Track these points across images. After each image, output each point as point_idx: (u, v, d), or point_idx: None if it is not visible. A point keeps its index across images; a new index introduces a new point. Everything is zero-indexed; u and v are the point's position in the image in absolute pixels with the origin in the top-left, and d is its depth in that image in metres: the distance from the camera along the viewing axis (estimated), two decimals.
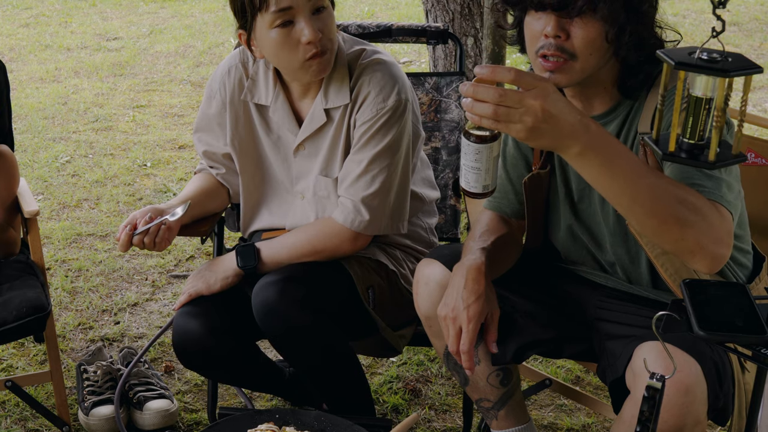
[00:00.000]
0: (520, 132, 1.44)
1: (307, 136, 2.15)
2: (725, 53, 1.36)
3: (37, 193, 4.13)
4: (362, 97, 2.07)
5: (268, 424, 1.87)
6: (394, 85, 2.07)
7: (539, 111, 1.42)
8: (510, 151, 2.03)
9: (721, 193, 1.60)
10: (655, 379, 1.33)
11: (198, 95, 5.59)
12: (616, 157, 1.49)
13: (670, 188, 1.51)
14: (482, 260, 1.86)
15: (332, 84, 2.09)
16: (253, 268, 2.13)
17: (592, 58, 1.70)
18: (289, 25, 1.97)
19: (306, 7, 1.97)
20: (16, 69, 6.12)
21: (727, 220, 1.58)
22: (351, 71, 2.09)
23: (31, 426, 2.58)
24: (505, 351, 1.96)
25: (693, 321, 1.26)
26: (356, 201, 2.09)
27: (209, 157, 2.30)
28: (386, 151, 2.07)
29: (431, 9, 4.10)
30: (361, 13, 7.65)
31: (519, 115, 1.42)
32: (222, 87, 2.21)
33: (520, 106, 1.42)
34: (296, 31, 1.97)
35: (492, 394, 2.10)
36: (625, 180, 1.49)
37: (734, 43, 6.59)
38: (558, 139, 1.45)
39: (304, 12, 1.97)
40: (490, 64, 1.56)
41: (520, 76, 1.43)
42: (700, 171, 1.61)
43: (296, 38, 1.98)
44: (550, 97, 1.43)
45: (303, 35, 1.97)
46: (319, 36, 1.98)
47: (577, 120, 1.45)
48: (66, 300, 3.25)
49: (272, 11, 1.95)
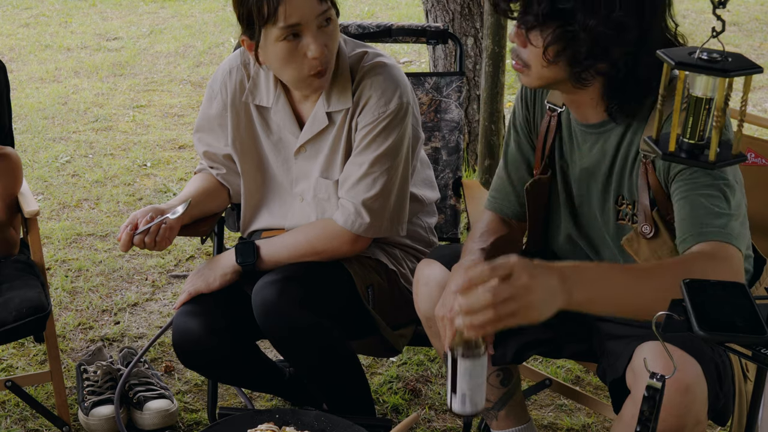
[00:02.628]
0: (530, 316, 1.41)
1: (308, 139, 2.15)
2: (725, 53, 1.36)
3: (37, 193, 4.13)
4: (364, 101, 2.07)
5: (268, 424, 1.87)
6: (396, 88, 2.07)
7: (530, 285, 1.40)
8: (512, 153, 2.03)
9: (729, 230, 1.60)
10: (656, 379, 1.33)
11: (198, 95, 5.59)
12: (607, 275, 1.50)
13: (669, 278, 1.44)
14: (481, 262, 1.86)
15: (334, 87, 2.08)
16: (251, 265, 2.13)
17: (546, 71, 1.70)
18: (295, 38, 1.97)
19: (314, 23, 1.96)
20: (16, 69, 6.12)
21: (736, 260, 1.58)
22: (353, 74, 2.09)
23: (31, 426, 2.58)
24: (505, 351, 1.97)
25: (693, 321, 1.26)
26: (357, 203, 2.09)
27: (210, 157, 2.30)
28: (387, 154, 2.07)
29: (431, 9, 4.10)
30: (361, 13, 7.65)
31: (518, 303, 1.40)
32: (223, 88, 2.21)
33: (515, 291, 1.39)
34: (302, 46, 1.97)
35: (492, 394, 2.10)
36: (626, 301, 1.50)
37: (734, 43, 6.59)
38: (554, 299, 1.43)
39: (311, 27, 1.96)
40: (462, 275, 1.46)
41: (494, 269, 1.41)
42: (708, 208, 1.61)
43: (302, 52, 1.97)
44: (527, 269, 1.41)
45: (309, 50, 1.96)
46: (325, 52, 1.98)
47: (555, 277, 1.44)
48: (66, 300, 3.25)
49: (280, 26, 1.94)
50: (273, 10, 1.91)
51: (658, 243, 1.75)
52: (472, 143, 4.15)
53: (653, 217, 1.74)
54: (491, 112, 3.79)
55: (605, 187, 1.84)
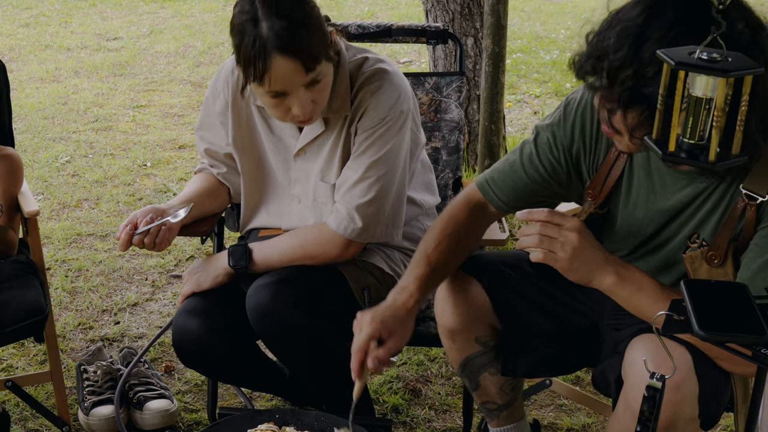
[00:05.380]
0: (563, 261, 1.63)
1: (307, 143, 2.15)
2: (725, 53, 1.36)
3: (37, 193, 4.13)
4: (364, 107, 2.06)
5: (268, 424, 1.87)
6: (397, 96, 2.06)
7: (576, 241, 1.62)
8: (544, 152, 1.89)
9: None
10: (656, 378, 1.33)
11: (198, 95, 5.59)
12: (644, 285, 1.65)
13: None
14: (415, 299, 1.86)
15: (333, 93, 2.08)
16: (243, 268, 2.13)
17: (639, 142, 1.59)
18: (282, 96, 1.96)
19: (300, 88, 1.94)
20: (16, 69, 6.12)
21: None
22: (352, 81, 2.09)
23: (31, 426, 2.58)
24: (516, 366, 1.99)
25: (693, 321, 1.26)
26: (350, 208, 2.08)
27: (211, 155, 2.30)
28: (383, 160, 2.07)
29: (431, 9, 4.10)
30: (361, 13, 7.66)
31: (560, 245, 1.63)
32: (225, 86, 2.21)
33: (560, 236, 1.63)
34: (288, 102, 1.96)
35: (501, 398, 2.11)
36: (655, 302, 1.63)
37: None
38: (594, 269, 1.64)
39: (297, 92, 1.94)
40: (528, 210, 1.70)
41: (552, 215, 1.65)
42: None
43: (287, 106, 1.98)
44: (584, 231, 1.63)
45: (293, 109, 1.97)
46: (310, 109, 1.98)
47: (606, 254, 1.65)
48: (66, 300, 3.25)
49: (266, 89, 1.94)
50: (259, 75, 1.90)
51: (719, 272, 1.73)
52: (472, 143, 4.15)
53: (726, 251, 1.71)
54: (491, 112, 3.80)
55: (681, 226, 1.78)
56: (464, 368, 2.06)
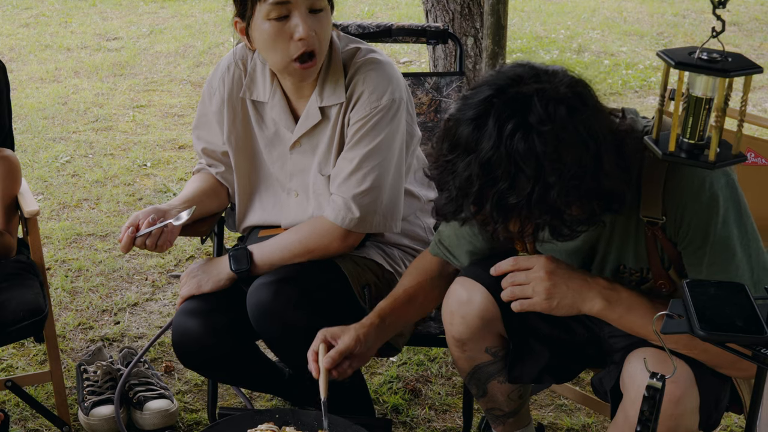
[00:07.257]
0: (541, 304, 1.69)
1: (303, 134, 2.15)
2: (725, 53, 1.36)
3: (37, 193, 4.13)
4: (356, 96, 2.07)
5: (268, 424, 1.87)
6: (388, 84, 2.07)
7: (546, 280, 1.67)
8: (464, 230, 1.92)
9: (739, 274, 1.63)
10: (656, 378, 1.33)
11: (198, 95, 5.59)
12: (633, 305, 1.68)
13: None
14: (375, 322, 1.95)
15: (327, 82, 2.09)
16: (246, 271, 2.13)
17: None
18: (284, 19, 1.98)
19: (304, 4, 1.97)
20: (16, 69, 6.12)
21: None
22: (346, 69, 2.10)
23: (31, 426, 2.58)
24: (522, 373, 1.98)
25: (693, 321, 1.26)
26: (347, 198, 2.08)
27: (208, 154, 2.30)
28: (378, 149, 2.07)
29: (431, 9, 4.10)
30: (361, 13, 7.65)
31: (531, 289, 1.69)
32: (221, 83, 2.22)
33: (529, 281, 1.69)
34: (290, 26, 1.98)
35: (508, 406, 2.11)
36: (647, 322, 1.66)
37: (734, 43, 6.59)
38: (577, 299, 1.68)
39: (301, 8, 1.97)
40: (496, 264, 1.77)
41: (517, 262, 1.72)
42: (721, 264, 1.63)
43: (289, 33, 1.99)
44: (552, 266, 1.68)
45: (296, 31, 1.98)
46: (312, 35, 1.98)
47: (585, 278, 1.68)
48: (66, 300, 3.25)
49: (270, 2, 1.96)
50: None
51: (677, 294, 1.74)
52: None
53: (669, 276, 1.74)
54: None
55: (602, 261, 1.80)
56: (472, 376, 2.05)
